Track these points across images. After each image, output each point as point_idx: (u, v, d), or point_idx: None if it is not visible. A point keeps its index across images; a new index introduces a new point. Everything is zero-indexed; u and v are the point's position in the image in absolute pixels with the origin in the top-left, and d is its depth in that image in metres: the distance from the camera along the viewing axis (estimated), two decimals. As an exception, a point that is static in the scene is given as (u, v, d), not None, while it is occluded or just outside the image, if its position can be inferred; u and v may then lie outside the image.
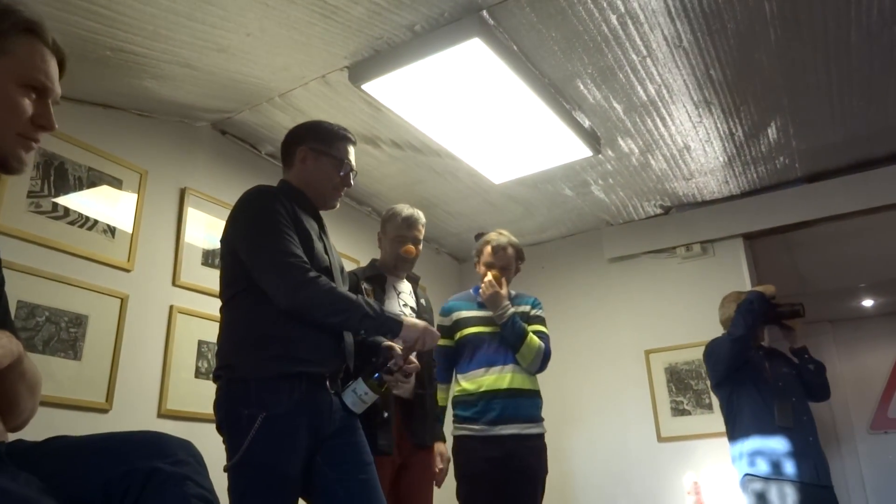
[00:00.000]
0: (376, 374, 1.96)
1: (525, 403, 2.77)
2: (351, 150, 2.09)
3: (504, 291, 2.85)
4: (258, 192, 1.95)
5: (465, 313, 2.89)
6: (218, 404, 1.84)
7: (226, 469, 1.77)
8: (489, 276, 2.86)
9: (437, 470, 2.65)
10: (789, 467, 2.97)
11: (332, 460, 1.85)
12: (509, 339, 2.78)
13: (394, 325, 1.90)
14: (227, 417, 1.79)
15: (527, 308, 2.96)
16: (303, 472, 1.81)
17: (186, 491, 0.98)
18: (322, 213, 2.12)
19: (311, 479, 1.83)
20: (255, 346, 1.82)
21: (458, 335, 2.86)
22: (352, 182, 2.10)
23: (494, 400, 2.72)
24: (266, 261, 1.82)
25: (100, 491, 0.97)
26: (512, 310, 2.81)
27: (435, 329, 2.00)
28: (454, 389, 2.89)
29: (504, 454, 2.68)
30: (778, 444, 3.02)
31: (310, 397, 1.81)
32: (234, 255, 1.91)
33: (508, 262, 2.90)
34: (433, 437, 2.61)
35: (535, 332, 2.94)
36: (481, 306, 2.90)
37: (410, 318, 1.96)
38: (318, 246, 1.97)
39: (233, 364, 1.82)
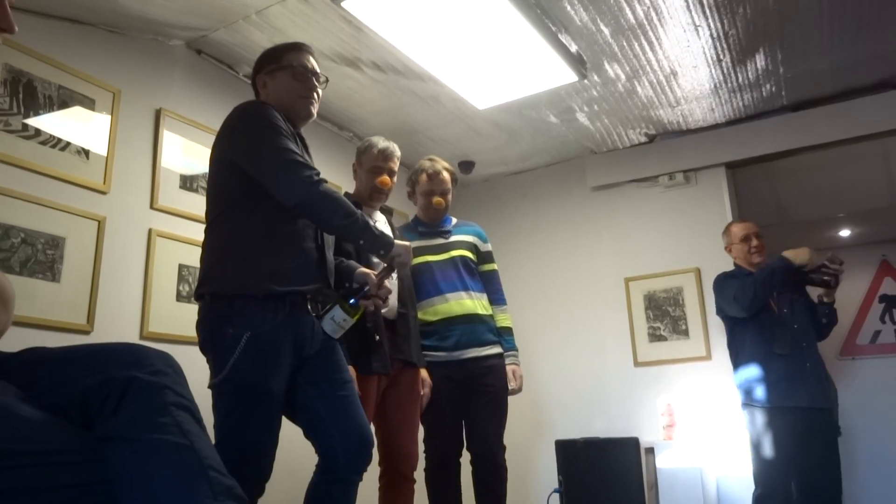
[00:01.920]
0: (352, 300, 1.98)
1: (481, 328, 2.83)
2: (303, 56, 2.06)
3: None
4: (254, 103, 1.98)
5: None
6: (202, 323, 1.86)
7: (210, 386, 1.79)
8: (434, 201, 2.89)
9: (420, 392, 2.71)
10: (784, 394, 3.03)
11: (312, 378, 1.89)
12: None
13: (387, 243, 1.96)
14: (211, 336, 1.81)
15: (474, 239, 2.98)
16: (285, 390, 1.84)
17: (165, 399, 0.99)
18: (305, 138, 2.10)
19: (292, 397, 1.87)
20: (242, 262, 1.82)
21: None
22: (316, 84, 2.07)
23: (451, 326, 2.77)
24: (275, 158, 1.82)
25: (78, 399, 0.98)
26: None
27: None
28: None
29: (465, 376, 2.76)
30: (774, 371, 3.06)
31: (293, 317, 1.84)
32: (225, 168, 1.90)
33: (446, 186, 2.91)
34: (419, 357, 2.66)
35: (488, 271, 2.99)
36: (423, 235, 2.93)
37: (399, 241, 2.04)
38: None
39: (217, 280, 1.83)
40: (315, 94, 2.06)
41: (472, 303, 2.83)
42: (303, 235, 1.93)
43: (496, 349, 2.86)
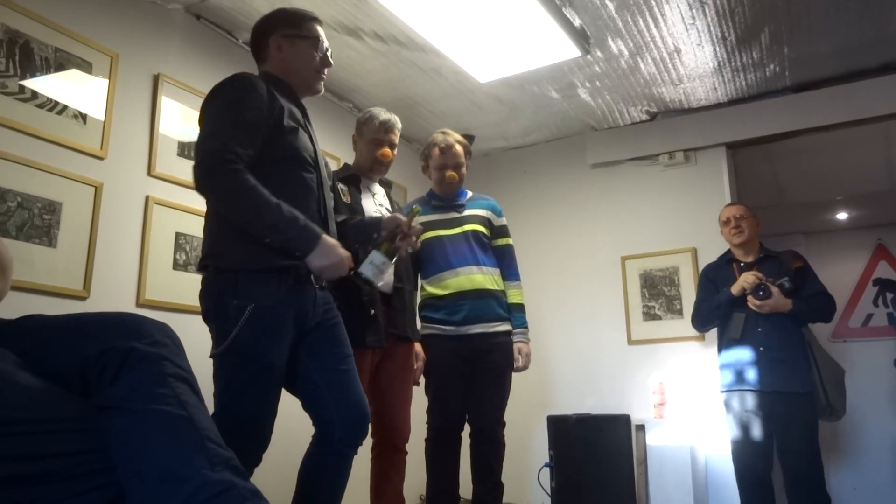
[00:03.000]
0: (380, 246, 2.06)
1: (491, 303, 2.82)
2: (321, 29, 2.04)
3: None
4: (231, 79, 1.90)
5: (422, 217, 2.88)
6: (205, 294, 1.85)
7: (212, 356, 1.80)
8: (447, 175, 2.86)
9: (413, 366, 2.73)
10: (741, 377, 3.17)
11: (313, 351, 1.90)
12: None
13: (305, 243, 1.79)
14: (215, 306, 1.81)
15: (487, 213, 2.95)
16: (286, 362, 1.85)
17: (163, 370, 0.99)
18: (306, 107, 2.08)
19: (292, 369, 1.88)
20: (245, 235, 1.81)
21: None
22: (331, 61, 2.06)
23: (461, 301, 2.77)
24: (199, 143, 1.79)
25: (76, 368, 0.98)
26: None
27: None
28: (419, 294, 2.93)
29: (471, 350, 2.76)
30: (731, 356, 3.22)
31: (296, 290, 1.84)
32: None
33: (459, 159, 2.88)
34: (414, 331, 2.66)
35: (501, 245, 2.96)
36: (437, 209, 2.91)
37: (332, 241, 1.86)
38: (303, 135, 1.94)
39: (221, 253, 1.82)
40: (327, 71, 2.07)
41: (483, 277, 2.82)
42: (304, 207, 1.91)
43: (505, 326, 2.85)
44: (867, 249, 5.91)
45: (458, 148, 2.88)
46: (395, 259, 2.08)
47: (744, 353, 3.17)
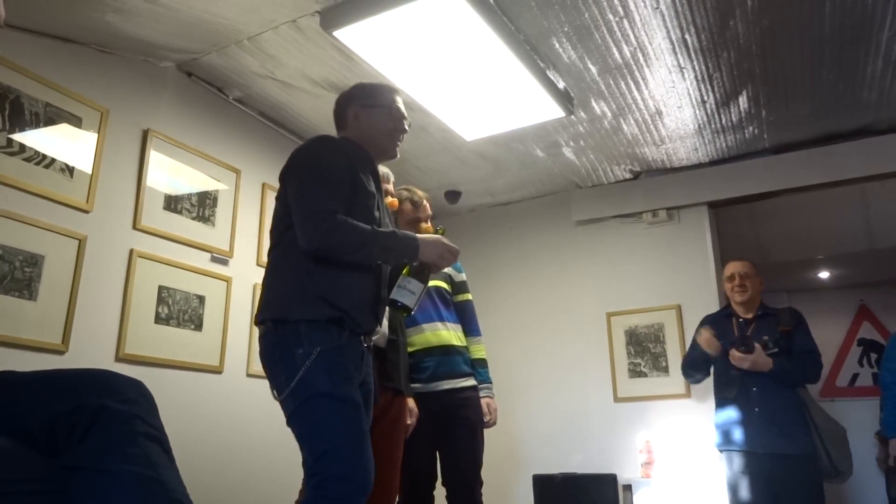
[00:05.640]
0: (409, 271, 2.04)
1: (457, 359, 2.80)
2: (398, 98, 2.15)
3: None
4: (322, 140, 2.02)
5: None
6: (267, 347, 1.86)
7: (278, 398, 1.80)
8: (423, 229, 2.86)
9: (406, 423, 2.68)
10: (734, 437, 3.12)
11: None
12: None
13: (411, 248, 1.93)
14: (281, 357, 1.82)
15: (448, 270, 2.92)
16: None
17: (135, 429, 0.97)
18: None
19: None
20: (302, 288, 1.85)
21: None
22: (406, 127, 2.14)
23: (426, 357, 2.76)
24: (298, 206, 1.87)
25: (45, 426, 0.95)
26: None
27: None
28: None
29: (441, 407, 2.72)
30: (725, 416, 3.18)
31: (353, 343, 1.88)
32: (285, 197, 1.95)
33: (429, 212, 2.89)
34: (407, 386, 2.63)
35: (462, 301, 2.97)
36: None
37: (428, 236, 1.99)
38: (374, 200, 2.01)
39: (280, 306, 1.86)
40: (403, 137, 2.15)
41: (448, 333, 2.81)
42: (365, 274, 1.96)
43: (471, 381, 2.83)
44: (851, 308, 5.96)
45: (426, 203, 2.90)
46: (427, 281, 2.07)
47: (737, 413, 3.12)
